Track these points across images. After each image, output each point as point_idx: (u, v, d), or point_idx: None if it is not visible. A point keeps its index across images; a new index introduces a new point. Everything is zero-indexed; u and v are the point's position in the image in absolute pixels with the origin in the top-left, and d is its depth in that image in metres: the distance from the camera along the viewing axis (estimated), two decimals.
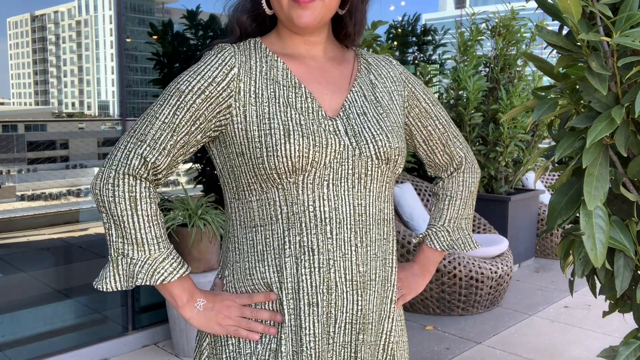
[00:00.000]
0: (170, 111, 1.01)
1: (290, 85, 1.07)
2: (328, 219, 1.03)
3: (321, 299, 1.03)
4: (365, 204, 1.07)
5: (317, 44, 1.14)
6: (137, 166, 0.99)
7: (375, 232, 1.09)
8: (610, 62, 1.25)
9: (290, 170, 1.00)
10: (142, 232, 1.00)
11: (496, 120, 4.99)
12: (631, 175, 1.32)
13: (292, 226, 1.03)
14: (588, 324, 3.86)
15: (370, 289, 1.09)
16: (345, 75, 1.15)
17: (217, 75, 1.03)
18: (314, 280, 1.03)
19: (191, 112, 1.01)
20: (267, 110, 1.03)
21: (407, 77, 1.23)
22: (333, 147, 1.03)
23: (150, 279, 1.00)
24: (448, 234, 1.28)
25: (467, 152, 1.31)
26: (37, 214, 4.15)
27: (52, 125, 4.31)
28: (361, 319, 1.07)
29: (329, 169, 1.03)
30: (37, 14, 4.30)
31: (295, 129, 1.01)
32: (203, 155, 3.96)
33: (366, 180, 1.07)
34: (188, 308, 1.06)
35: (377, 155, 1.07)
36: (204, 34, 3.95)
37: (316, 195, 1.03)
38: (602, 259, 1.23)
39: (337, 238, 1.04)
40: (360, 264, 1.06)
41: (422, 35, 5.72)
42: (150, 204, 1.01)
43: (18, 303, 3.40)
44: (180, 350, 3.29)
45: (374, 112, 1.12)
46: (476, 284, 3.93)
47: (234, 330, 1.06)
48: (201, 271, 3.22)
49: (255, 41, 1.13)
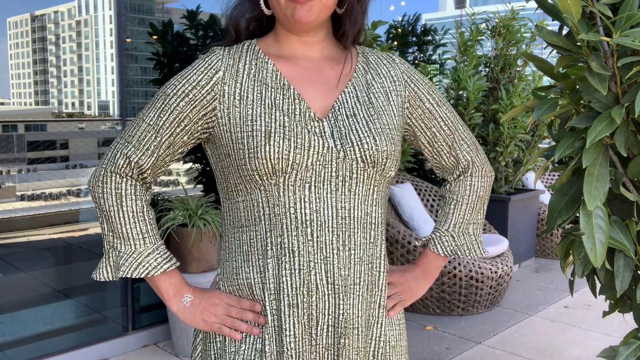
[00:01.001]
0: (155, 113, 1.07)
1: (279, 87, 1.08)
2: (309, 221, 1.03)
3: (301, 301, 1.04)
4: (350, 207, 1.06)
5: (314, 44, 1.14)
6: (122, 165, 1.07)
7: (360, 235, 1.07)
8: (610, 62, 1.25)
9: (271, 172, 1.02)
10: (127, 227, 1.07)
11: (496, 120, 4.99)
12: (631, 175, 1.32)
13: (273, 227, 1.05)
14: (588, 324, 3.86)
15: (354, 293, 1.07)
16: (339, 76, 1.14)
17: (201, 78, 1.07)
18: (295, 281, 1.04)
19: (175, 114, 1.06)
20: (250, 112, 1.05)
21: (410, 76, 1.20)
22: (315, 149, 1.03)
23: (133, 271, 1.07)
24: (452, 239, 1.23)
25: (475, 156, 1.25)
26: (37, 214, 4.15)
27: (52, 125, 4.31)
28: (343, 323, 1.06)
29: (311, 171, 1.03)
30: (37, 14, 4.30)
31: (277, 130, 1.02)
32: (203, 155, 3.96)
33: (351, 183, 1.06)
34: (174, 302, 1.12)
35: (362, 158, 1.05)
36: (204, 34, 3.95)
37: (297, 197, 1.03)
38: (602, 259, 1.23)
39: (318, 240, 1.04)
40: (342, 267, 1.05)
41: (422, 35, 5.71)
42: (136, 200, 1.07)
43: (18, 303, 3.40)
44: (180, 350, 3.29)
45: (365, 113, 1.10)
46: (476, 284, 3.93)
47: (217, 327, 1.10)
48: (201, 271, 3.22)
49: (250, 43, 1.14)
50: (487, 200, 1.28)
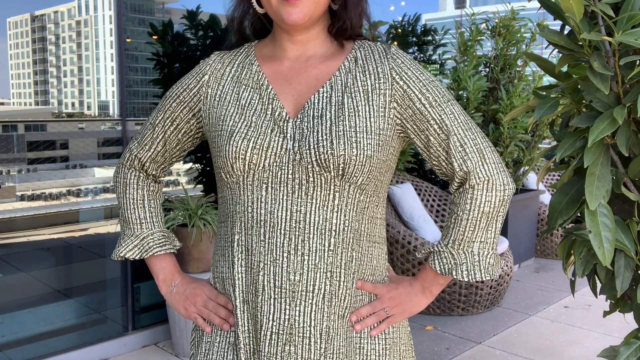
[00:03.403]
0: (155, 113, 1.20)
1: (258, 87, 1.10)
2: (263, 221, 1.04)
3: (250, 299, 1.05)
4: (305, 211, 1.02)
5: (305, 41, 1.11)
6: (127, 158, 1.22)
7: (316, 242, 1.02)
8: (612, 62, 1.25)
9: (231, 171, 1.05)
10: (129, 213, 1.21)
11: (496, 120, 4.99)
12: (632, 175, 1.32)
13: (234, 225, 1.08)
14: (588, 324, 3.86)
15: (306, 301, 1.02)
16: (323, 75, 1.09)
17: (190, 82, 1.15)
18: (248, 279, 1.06)
19: (167, 114, 1.17)
20: (224, 112, 1.09)
21: (400, 73, 1.08)
22: (274, 149, 1.03)
23: (128, 252, 1.19)
24: (452, 257, 1.09)
25: (480, 165, 1.07)
26: (37, 214, 4.15)
27: (52, 125, 4.31)
28: (289, 330, 1.02)
29: (268, 172, 1.03)
30: (37, 14, 4.30)
31: (240, 130, 1.05)
32: (203, 155, 3.96)
33: (307, 186, 1.02)
34: (164, 286, 1.22)
35: (317, 162, 1.01)
36: (204, 34, 3.95)
37: (255, 197, 1.04)
38: (610, 257, 1.23)
39: (269, 242, 1.03)
40: (291, 272, 1.02)
41: (422, 36, 5.71)
42: (137, 189, 1.21)
43: (18, 303, 3.40)
44: (180, 350, 3.28)
45: (332, 115, 1.04)
46: (476, 284, 3.93)
47: (194, 317, 1.16)
48: (201, 271, 3.22)
49: (249, 45, 1.17)
50: (499, 217, 1.09)
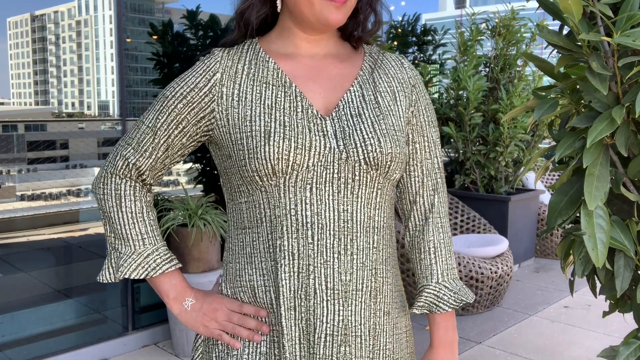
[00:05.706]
0: (154, 116, 1.07)
1: (280, 85, 1.05)
2: (310, 223, 1.00)
3: (299, 305, 1.01)
4: (352, 210, 1.02)
5: (319, 41, 1.11)
6: (121, 167, 1.07)
7: (363, 240, 1.03)
8: (611, 62, 1.25)
9: (271, 173, 0.99)
10: (127, 228, 1.07)
11: (496, 120, 4.99)
12: (631, 175, 1.32)
13: (274, 230, 1.02)
14: (588, 324, 3.86)
15: (356, 300, 1.02)
16: (345, 74, 1.11)
17: (199, 81, 1.06)
18: (293, 285, 1.01)
19: (172, 116, 1.06)
20: (250, 112, 1.03)
21: (416, 84, 1.15)
22: (317, 149, 1.00)
23: (132, 272, 1.06)
24: (448, 290, 1.13)
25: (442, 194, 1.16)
26: (37, 214, 4.15)
27: (52, 125, 4.31)
28: (343, 330, 1.01)
29: (312, 172, 1.00)
30: (37, 14, 4.30)
31: (276, 130, 1.00)
32: (203, 155, 3.96)
33: (353, 185, 1.02)
34: (175, 305, 1.10)
35: (365, 160, 1.02)
36: (204, 34, 3.95)
37: (298, 199, 1.00)
38: (603, 258, 1.23)
39: (318, 244, 1.00)
40: (342, 272, 1.01)
41: (422, 35, 5.72)
42: (135, 201, 1.08)
43: (18, 303, 3.40)
44: (180, 350, 3.29)
45: (371, 113, 1.06)
46: (476, 284, 3.93)
47: (217, 334, 1.08)
48: (201, 271, 3.22)
49: (251, 42, 1.12)
50: None
